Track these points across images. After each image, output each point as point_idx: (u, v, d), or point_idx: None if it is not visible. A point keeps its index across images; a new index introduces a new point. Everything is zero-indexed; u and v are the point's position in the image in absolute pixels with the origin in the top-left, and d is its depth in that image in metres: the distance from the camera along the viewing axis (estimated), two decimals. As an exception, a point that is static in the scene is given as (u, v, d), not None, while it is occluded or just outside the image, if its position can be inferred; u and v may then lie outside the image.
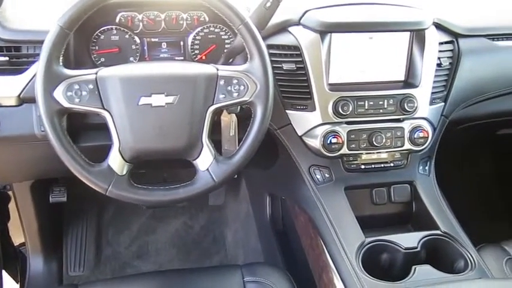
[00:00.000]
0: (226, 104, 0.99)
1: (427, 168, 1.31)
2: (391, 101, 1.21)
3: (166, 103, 0.95)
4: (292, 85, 1.19)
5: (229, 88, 0.98)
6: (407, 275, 1.04)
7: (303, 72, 1.18)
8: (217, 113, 1.08)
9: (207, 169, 0.99)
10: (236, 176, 1.16)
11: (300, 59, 1.17)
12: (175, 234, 1.90)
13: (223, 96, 0.98)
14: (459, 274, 1.05)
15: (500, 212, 2.05)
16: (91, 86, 0.94)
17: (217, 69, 0.99)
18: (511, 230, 1.42)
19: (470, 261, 1.09)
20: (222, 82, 0.98)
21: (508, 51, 1.39)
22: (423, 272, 1.04)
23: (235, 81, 0.98)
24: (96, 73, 0.95)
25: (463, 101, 1.35)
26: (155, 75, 0.98)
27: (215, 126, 1.16)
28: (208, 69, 0.99)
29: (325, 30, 1.16)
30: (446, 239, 1.14)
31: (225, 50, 1.19)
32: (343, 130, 1.20)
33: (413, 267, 1.05)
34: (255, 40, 0.98)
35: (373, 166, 1.25)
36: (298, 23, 1.19)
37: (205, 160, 0.99)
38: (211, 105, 0.98)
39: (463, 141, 1.76)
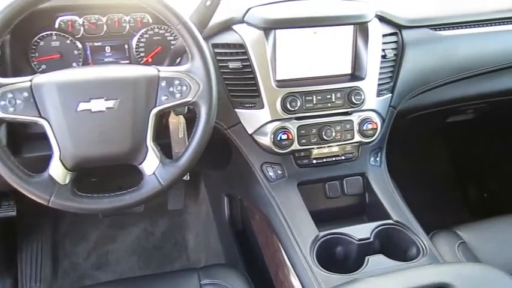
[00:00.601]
0: (169, 106, 0.97)
1: (378, 159, 1.33)
2: (338, 95, 1.22)
3: (106, 108, 0.93)
4: (239, 83, 1.19)
5: (171, 89, 0.96)
6: (362, 266, 1.05)
7: (249, 70, 1.17)
8: (162, 115, 1.07)
9: (154, 173, 0.97)
10: (188, 178, 1.15)
11: (246, 57, 1.17)
12: (135, 242, 1.86)
13: (166, 97, 0.96)
14: (411, 261, 1.07)
15: (453, 197, 2.10)
16: (26, 94, 0.90)
17: (158, 71, 0.97)
18: (464, 215, 1.45)
19: (422, 248, 1.11)
20: (163, 83, 0.96)
21: (451, 40, 1.41)
22: (376, 261, 1.05)
23: (177, 82, 0.96)
24: (30, 80, 0.92)
25: (409, 91, 1.37)
26: (93, 80, 0.95)
27: (164, 129, 1.15)
28: (149, 71, 0.97)
29: (269, 27, 1.16)
30: (399, 227, 1.16)
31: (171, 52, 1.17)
32: (292, 126, 1.20)
33: (366, 257, 1.06)
34: (194, 39, 0.96)
35: (324, 160, 1.25)
36: (242, 21, 1.19)
37: (151, 164, 0.97)
38: (154, 107, 0.96)
39: (414, 130, 1.80)
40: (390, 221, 1.17)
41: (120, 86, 0.94)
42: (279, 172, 1.24)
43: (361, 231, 1.12)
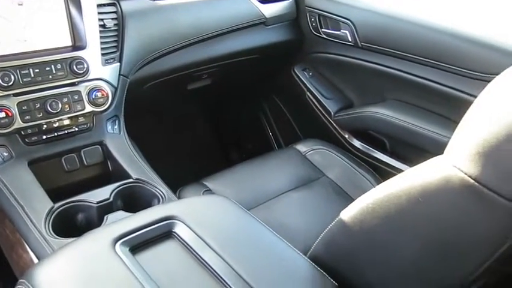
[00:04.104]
0: None
1: (116, 127, 1.34)
2: (58, 66, 1.20)
3: None
4: None
5: None
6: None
7: None
8: None
9: None
10: None
11: None
12: None
13: None
14: None
15: (217, 163, 2.26)
16: None
17: None
18: (211, 168, 1.58)
19: (163, 197, 1.17)
20: None
21: (171, 9, 1.51)
22: (114, 217, 1.06)
23: None
24: None
25: (139, 60, 1.42)
26: None
27: None
28: None
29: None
30: (139, 184, 1.19)
31: None
32: (11, 103, 1.14)
33: (105, 216, 1.07)
34: None
35: (56, 134, 1.22)
36: None
37: None
38: None
39: (160, 99, 1.86)
40: (130, 180, 1.20)
41: None
42: (5, 154, 1.16)
43: (100, 194, 1.12)
